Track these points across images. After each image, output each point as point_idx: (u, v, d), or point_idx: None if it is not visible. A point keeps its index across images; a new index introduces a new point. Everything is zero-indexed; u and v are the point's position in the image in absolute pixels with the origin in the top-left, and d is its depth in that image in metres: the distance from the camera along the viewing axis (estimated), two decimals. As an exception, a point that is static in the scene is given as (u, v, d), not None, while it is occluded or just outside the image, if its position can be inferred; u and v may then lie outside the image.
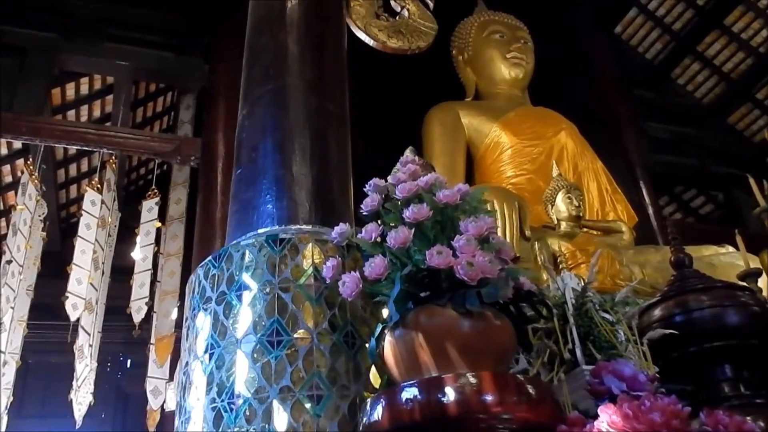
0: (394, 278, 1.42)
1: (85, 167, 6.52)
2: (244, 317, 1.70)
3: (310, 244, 1.81)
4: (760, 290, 2.33)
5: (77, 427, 5.19)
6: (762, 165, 3.70)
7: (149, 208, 4.94)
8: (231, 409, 1.58)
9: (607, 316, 1.72)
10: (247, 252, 1.80)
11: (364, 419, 1.36)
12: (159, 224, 4.88)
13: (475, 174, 4.89)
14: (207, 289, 1.82)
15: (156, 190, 5.05)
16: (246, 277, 1.76)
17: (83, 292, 4.46)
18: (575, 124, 5.25)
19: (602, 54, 7.10)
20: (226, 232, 2.18)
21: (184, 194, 5.32)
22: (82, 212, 4.68)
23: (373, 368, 1.69)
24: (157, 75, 5.87)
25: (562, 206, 3.52)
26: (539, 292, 1.68)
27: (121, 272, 5.39)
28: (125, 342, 5.96)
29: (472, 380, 1.27)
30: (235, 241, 1.90)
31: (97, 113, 6.11)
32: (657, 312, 1.95)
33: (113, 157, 5.20)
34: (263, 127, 2.19)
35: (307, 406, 1.57)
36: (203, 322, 1.77)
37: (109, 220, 5.08)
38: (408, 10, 2.98)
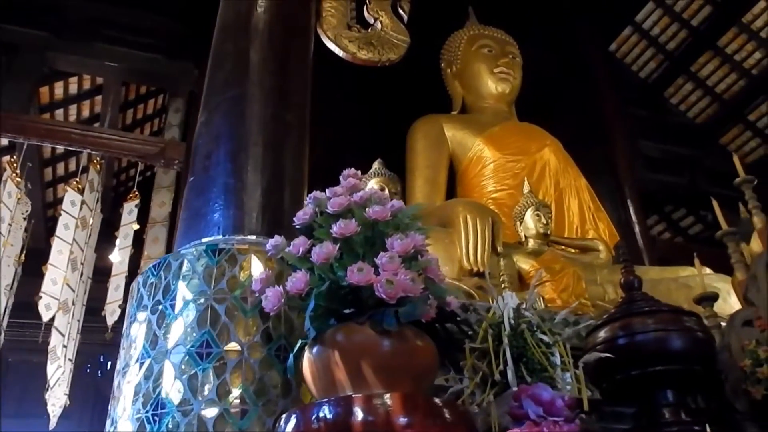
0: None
1: (73, 167, 6.53)
2: (176, 327, 1.69)
3: (250, 256, 1.80)
4: (715, 315, 2.31)
5: (51, 427, 5.17)
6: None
7: (129, 210, 4.94)
8: (154, 421, 1.57)
9: (544, 337, 1.70)
10: (186, 261, 1.79)
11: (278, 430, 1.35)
12: (137, 226, 4.87)
13: (458, 188, 4.88)
14: (144, 298, 1.81)
15: (137, 193, 5.05)
16: (182, 287, 1.74)
17: (57, 292, 4.45)
18: (567, 139, 5.24)
19: (597, 71, 7.10)
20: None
21: (169, 198, 5.32)
22: (62, 212, 4.68)
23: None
24: (148, 77, 5.89)
25: (530, 223, 3.51)
26: (473, 310, 1.67)
27: (105, 274, 5.38)
28: (105, 343, 5.94)
29: (382, 401, 1.25)
30: (176, 250, 1.89)
31: (86, 113, 6.13)
32: (602, 334, 1.93)
33: (97, 158, 5.21)
34: (218, 136, 2.19)
35: (231, 420, 1.55)
36: (137, 331, 1.76)
37: (91, 221, 5.08)
38: (381, 22, 2.97)
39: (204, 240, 1.91)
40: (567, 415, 1.31)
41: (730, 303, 3.17)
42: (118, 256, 4.80)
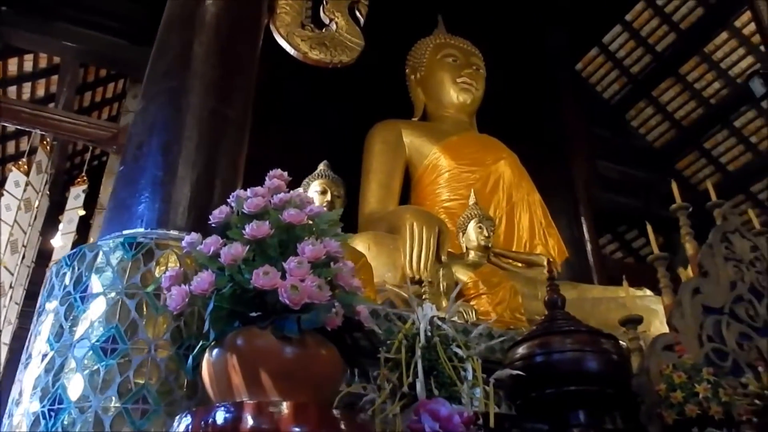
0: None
1: (25, 146, 6.34)
2: (84, 321, 1.64)
3: (168, 251, 1.76)
4: (638, 337, 2.34)
5: (-19, 414, 5.00)
6: (702, 213, 3.69)
7: (76, 195, 4.82)
8: (50, 416, 1.51)
9: (459, 351, 1.69)
10: (101, 253, 1.74)
11: (169, 434, 1.32)
12: (83, 212, 4.75)
13: (412, 194, 4.89)
14: (55, 288, 1.75)
15: (85, 177, 4.93)
16: (93, 279, 1.70)
17: (-7, 274, 4.31)
18: (527, 154, 5.29)
19: (562, 88, 7.18)
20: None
21: (120, 185, 5.18)
22: (4, 192, 4.54)
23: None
24: (108, 61, 5.75)
25: (472, 235, 3.53)
26: (392, 319, 1.66)
27: (50, 258, 5.23)
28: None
29: (274, 409, 1.23)
30: (94, 241, 1.83)
31: (40, 92, 5.96)
32: (521, 350, 1.94)
33: (48, 139, 5.07)
34: (152, 126, 2.14)
35: (130, 419, 1.51)
36: (44, 322, 1.71)
37: (37, 203, 4.94)
38: (336, 23, 2.95)
39: (125, 232, 1.86)
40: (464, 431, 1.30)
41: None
42: (60, 241, 4.67)
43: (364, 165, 4.79)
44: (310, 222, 1.52)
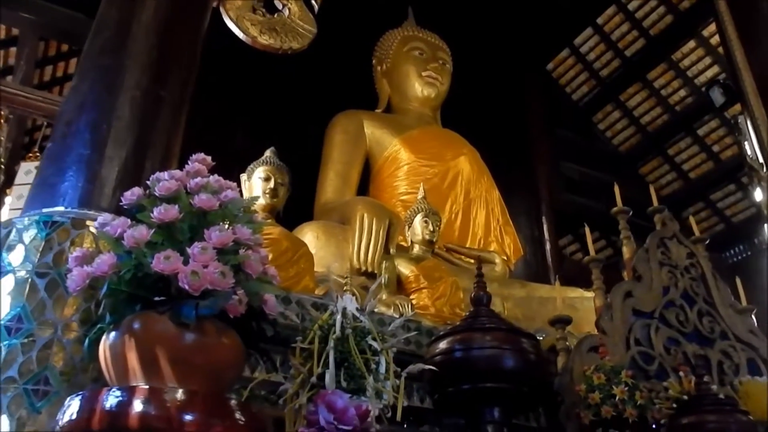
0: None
1: (-20, 119, 6.18)
2: (-10, 298, 1.60)
3: (85, 231, 1.73)
4: (566, 338, 2.37)
5: None
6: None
7: (27, 170, 4.70)
8: (-55, 394, 1.48)
9: (374, 343, 1.69)
10: (14, 230, 1.70)
11: (60, 414, 1.30)
12: (33, 189, 4.65)
13: (371, 185, 4.88)
14: (-35, 264, 1.71)
15: (38, 153, 4.82)
16: (4, 257, 1.66)
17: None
18: (492, 152, 5.30)
19: (530, 88, 7.22)
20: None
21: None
22: (-49, 165, 4.42)
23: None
24: (66, 36, 5.62)
25: (417, 229, 3.53)
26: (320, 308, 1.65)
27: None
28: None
29: (165, 395, 1.22)
30: (10, 218, 1.80)
31: (-2, 64, 5.82)
32: (442, 344, 1.95)
33: (1, 113, 4.94)
34: (82, 104, 2.09)
35: (29, 401, 1.48)
36: (-49, 298, 1.66)
37: (-13, 177, 4.82)
38: (289, 9, 2.92)
39: (44, 210, 1.83)
40: (356, 425, 1.30)
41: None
42: (7, 217, 4.56)
43: (324, 154, 4.77)
44: (222, 208, 1.50)
